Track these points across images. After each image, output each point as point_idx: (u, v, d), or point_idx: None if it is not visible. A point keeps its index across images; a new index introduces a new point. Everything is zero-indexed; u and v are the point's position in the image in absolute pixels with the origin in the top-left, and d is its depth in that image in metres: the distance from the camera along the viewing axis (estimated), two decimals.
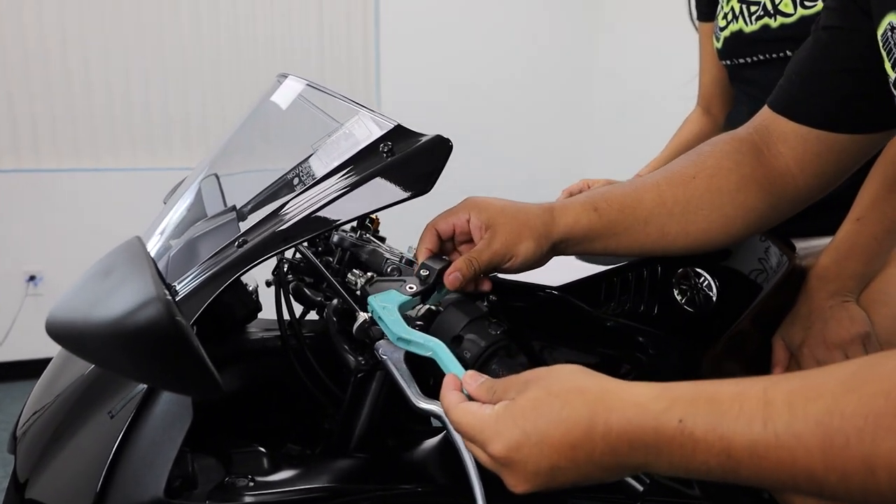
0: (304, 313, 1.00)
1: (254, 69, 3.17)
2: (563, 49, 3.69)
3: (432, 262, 0.67)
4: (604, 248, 0.74)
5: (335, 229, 0.84)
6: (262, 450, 0.72)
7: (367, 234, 0.91)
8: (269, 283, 0.98)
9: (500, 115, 3.61)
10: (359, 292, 0.69)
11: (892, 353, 0.41)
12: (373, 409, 0.76)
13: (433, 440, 0.79)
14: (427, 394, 0.62)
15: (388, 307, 0.64)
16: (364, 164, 0.69)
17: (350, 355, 0.76)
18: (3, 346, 3.00)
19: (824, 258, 0.92)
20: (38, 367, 0.87)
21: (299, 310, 0.96)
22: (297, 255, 0.97)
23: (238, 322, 0.89)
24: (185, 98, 3.11)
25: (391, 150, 0.68)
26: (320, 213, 0.65)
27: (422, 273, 0.67)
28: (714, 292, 0.83)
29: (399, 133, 0.69)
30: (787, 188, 0.75)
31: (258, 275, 0.83)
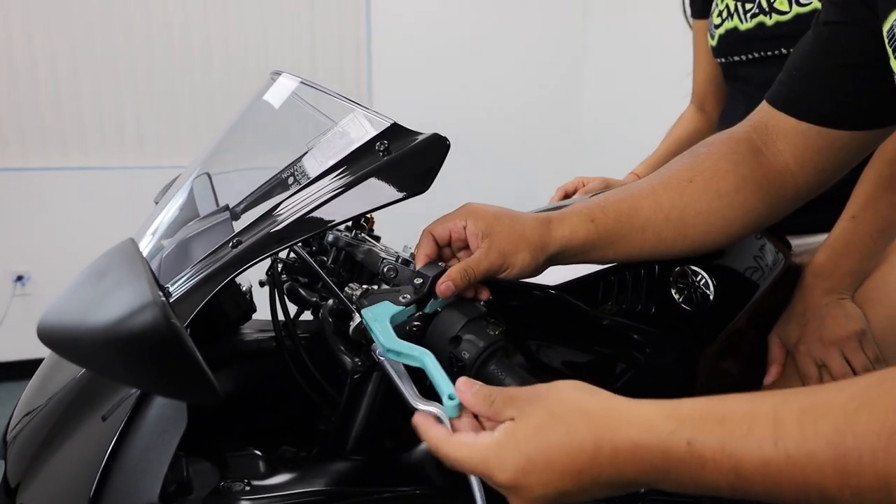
0: (299, 313, 0.99)
1: (244, 66, 3.14)
2: (553, 45, 3.69)
3: (427, 270, 0.66)
4: (601, 257, 0.74)
5: (331, 229, 0.84)
6: (258, 453, 0.71)
7: (362, 234, 0.90)
8: (262, 283, 0.97)
9: (491, 114, 3.60)
10: (355, 306, 0.68)
11: None
12: (369, 410, 0.75)
13: None
14: (425, 394, 0.61)
15: (379, 318, 0.63)
16: (360, 163, 0.68)
17: (346, 356, 0.75)
18: None
19: (819, 256, 0.92)
20: (25, 369, 0.86)
21: (293, 310, 0.95)
22: (292, 255, 0.96)
23: (232, 323, 0.88)
24: (173, 96, 3.09)
25: (387, 148, 0.67)
26: (317, 213, 0.64)
27: (416, 281, 0.66)
28: (711, 291, 0.83)
29: (395, 131, 0.68)
30: (786, 186, 0.75)
31: (252, 275, 0.82)
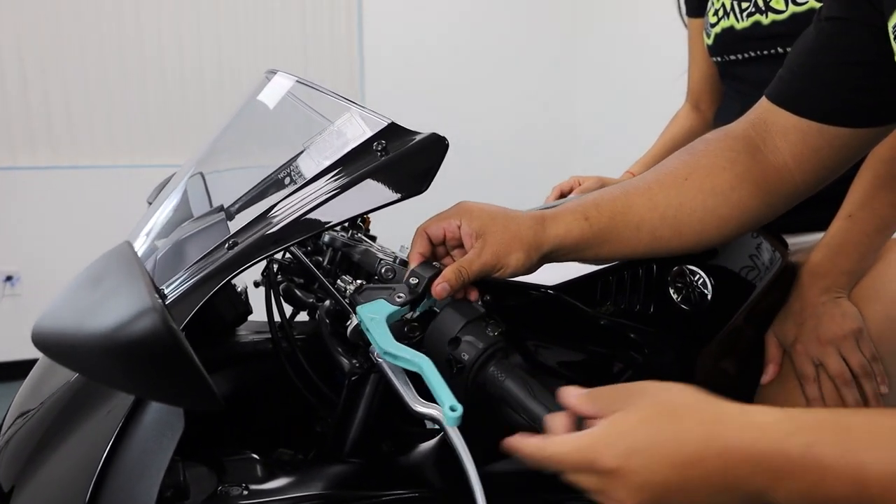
0: (294, 314, 0.98)
1: (235, 65, 3.12)
2: (547, 43, 3.68)
3: (422, 270, 0.66)
4: (595, 255, 0.73)
5: (330, 230, 0.83)
6: (256, 457, 0.70)
7: (359, 234, 0.89)
8: (257, 284, 0.96)
9: (485, 113, 3.59)
10: (348, 300, 0.68)
11: None
12: (367, 412, 0.75)
13: (429, 443, 0.78)
14: (423, 396, 0.61)
15: (377, 319, 0.63)
16: (357, 163, 0.67)
17: (344, 358, 0.75)
18: None
19: (816, 255, 0.92)
20: (15, 370, 0.85)
21: (288, 311, 0.94)
22: (287, 256, 0.95)
23: (228, 325, 0.87)
24: (165, 95, 3.06)
25: (385, 148, 0.67)
26: (316, 213, 0.63)
27: (411, 281, 0.65)
28: (709, 290, 0.83)
29: (393, 131, 0.68)
30: (783, 184, 0.74)
31: (247, 276, 0.82)
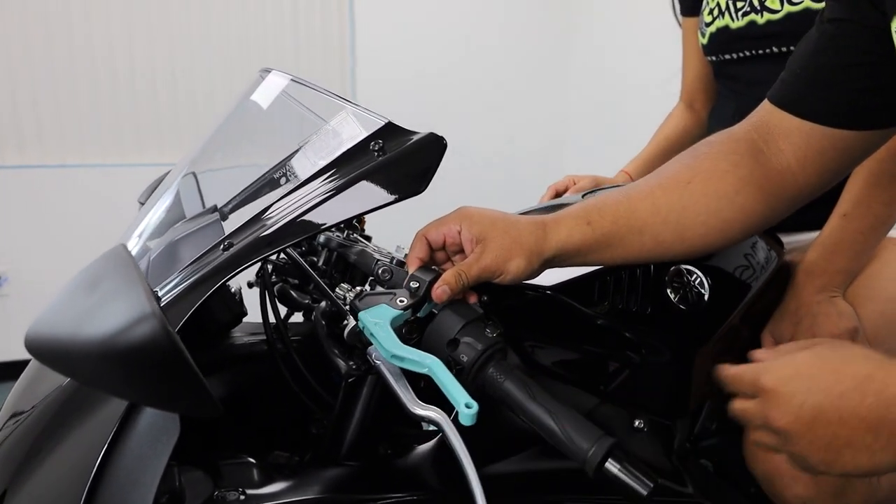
0: (289, 315, 0.97)
1: (227, 64, 3.10)
2: (538, 42, 3.68)
3: (422, 274, 0.66)
4: (598, 260, 0.73)
5: (328, 230, 0.82)
6: (252, 461, 0.69)
7: (354, 234, 0.89)
8: (251, 285, 0.96)
9: (478, 112, 3.58)
10: (348, 308, 0.67)
11: None
12: (364, 414, 0.74)
13: (427, 445, 0.77)
14: (421, 398, 0.60)
15: (380, 323, 0.62)
16: (354, 163, 0.66)
17: (340, 359, 0.74)
18: None
19: (811, 254, 0.92)
20: (3, 371, 0.83)
21: (283, 312, 0.93)
22: (282, 257, 0.94)
23: (223, 327, 0.86)
24: (155, 93, 3.04)
25: (382, 148, 0.66)
26: (312, 215, 0.63)
27: (412, 285, 0.65)
28: (706, 290, 0.83)
29: (390, 131, 0.67)
30: (786, 187, 0.73)
31: (240, 276, 0.81)
